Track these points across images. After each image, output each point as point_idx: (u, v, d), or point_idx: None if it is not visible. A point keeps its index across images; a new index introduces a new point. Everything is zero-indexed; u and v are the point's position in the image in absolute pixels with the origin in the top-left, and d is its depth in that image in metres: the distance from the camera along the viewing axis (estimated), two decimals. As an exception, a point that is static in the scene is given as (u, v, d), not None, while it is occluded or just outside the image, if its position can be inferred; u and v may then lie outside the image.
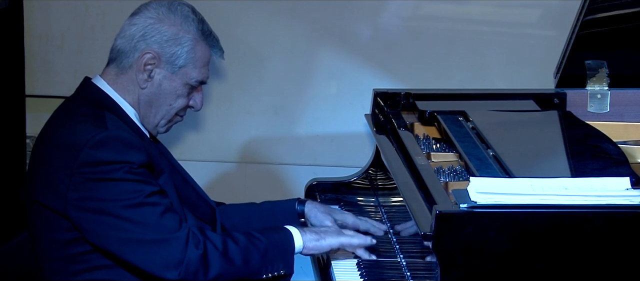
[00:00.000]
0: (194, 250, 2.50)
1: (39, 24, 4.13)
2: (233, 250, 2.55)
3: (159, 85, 2.69)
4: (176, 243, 2.50)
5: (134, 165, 2.53)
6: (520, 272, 2.33)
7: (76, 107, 2.67)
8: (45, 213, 2.59)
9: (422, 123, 3.16)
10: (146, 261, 2.50)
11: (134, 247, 2.50)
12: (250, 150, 4.15)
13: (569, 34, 3.22)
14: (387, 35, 4.03)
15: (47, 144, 2.63)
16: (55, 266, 2.62)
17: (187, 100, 2.74)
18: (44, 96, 4.15)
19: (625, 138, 3.06)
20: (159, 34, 2.66)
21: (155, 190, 2.55)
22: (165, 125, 2.76)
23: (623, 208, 2.36)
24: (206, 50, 2.72)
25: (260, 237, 2.60)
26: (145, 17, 2.68)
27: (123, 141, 2.54)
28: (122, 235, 2.50)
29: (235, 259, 2.55)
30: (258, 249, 2.58)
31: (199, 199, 2.85)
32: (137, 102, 2.70)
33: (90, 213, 2.52)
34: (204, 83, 2.75)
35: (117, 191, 2.50)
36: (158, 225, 2.51)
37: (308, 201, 2.98)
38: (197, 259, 2.50)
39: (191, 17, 2.70)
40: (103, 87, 2.69)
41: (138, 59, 2.66)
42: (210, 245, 2.53)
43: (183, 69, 2.69)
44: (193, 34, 2.69)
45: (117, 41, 2.70)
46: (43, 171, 2.61)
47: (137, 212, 2.50)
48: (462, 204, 2.33)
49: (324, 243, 2.67)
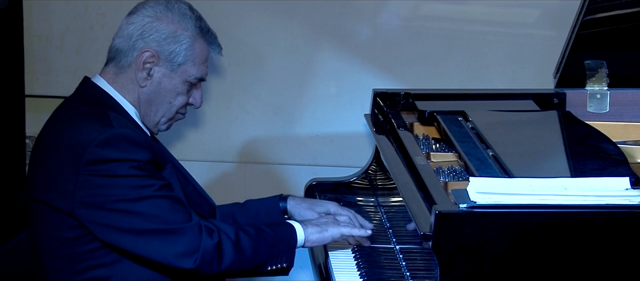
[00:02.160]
0: (209, 239, 2.51)
1: (39, 24, 4.12)
2: (245, 240, 2.57)
3: (158, 83, 2.69)
4: (191, 232, 2.51)
5: (140, 162, 2.54)
6: (519, 272, 2.33)
7: (77, 106, 2.67)
8: (48, 212, 2.59)
9: (421, 123, 3.16)
10: (161, 251, 2.51)
11: (148, 238, 2.50)
12: (249, 150, 4.15)
13: (569, 33, 3.22)
14: (387, 35, 4.03)
15: (49, 144, 2.63)
16: (58, 264, 2.62)
17: (186, 98, 2.74)
18: (43, 96, 4.15)
19: (624, 138, 3.06)
20: (157, 32, 2.66)
21: (164, 183, 2.56)
22: (166, 123, 2.76)
23: (622, 208, 2.36)
24: (204, 47, 2.72)
25: (268, 230, 2.62)
26: (143, 15, 2.68)
27: (129, 139, 2.54)
28: (136, 227, 2.50)
29: (246, 250, 2.56)
30: (267, 241, 2.60)
31: (200, 197, 2.86)
32: (137, 100, 2.70)
33: (100, 210, 2.51)
34: (203, 80, 2.75)
35: (126, 186, 2.51)
36: (170, 215, 2.52)
37: (289, 197, 2.97)
38: (213, 248, 2.51)
39: (189, 15, 2.70)
40: (103, 86, 2.69)
41: (137, 58, 2.66)
42: (224, 235, 2.54)
43: (182, 67, 2.69)
44: (191, 31, 2.69)
45: (116, 40, 2.70)
46: (46, 171, 2.60)
47: (149, 204, 2.51)
48: (461, 204, 2.33)
49: (326, 234, 2.69)
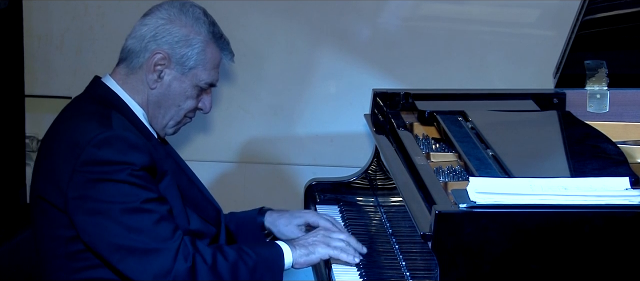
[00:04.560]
0: (183, 263, 2.50)
1: (39, 24, 4.13)
2: (222, 265, 2.55)
3: (168, 86, 2.69)
4: (166, 253, 2.50)
5: (135, 166, 2.52)
6: (519, 272, 2.33)
7: (83, 105, 2.67)
8: (47, 209, 2.60)
9: (421, 123, 3.16)
10: (135, 270, 2.50)
11: (124, 254, 2.50)
12: (249, 150, 4.15)
13: (568, 33, 3.22)
14: (387, 35, 4.03)
15: (52, 141, 2.63)
16: (57, 263, 2.62)
17: (196, 102, 2.74)
18: (43, 96, 4.15)
19: (624, 138, 3.06)
20: (170, 35, 2.66)
21: (153, 197, 2.55)
22: (173, 126, 2.76)
23: (622, 208, 2.36)
24: (216, 53, 2.72)
25: (250, 253, 2.60)
26: (157, 17, 2.68)
27: (126, 141, 2.54)
28: (113, 241, 2.50)
29: (223, 274, 2.55)
30: (247, 265, 2.58)
31: (205, 201, 2.83)
32: (146, 102, 2.70)
33: (85, 213, 2.52)
34: (214, 86, 2.75)
35: (115, 193, 2.50)
36: (151, 232, 2.50)
37: (267, 212, 2.96)
38: (185, 272, 2.50)
39: (202, 19, 2.70)
40: (112, 86, 2.69)
41: (148, 59, 2.66)
42: (199, 258, 2.53)
43: (193, 71, 2.69)
44: (204, 35, 2.69)
45: (128, 41, 2.70)
46: (47, 167, 2.61)
47: (132, 218, 2.50)
48: (461, 204, 2.33)
49: (314, 257, 2.67)
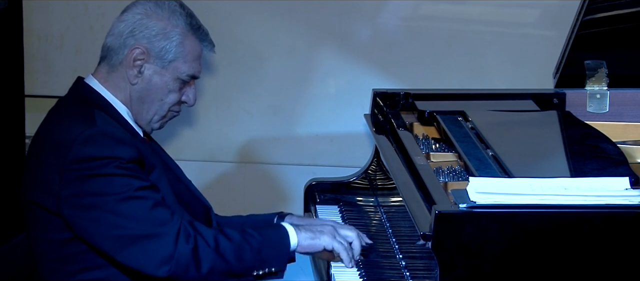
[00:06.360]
0: (184, 245, 2.51)
1: (38, 24, 4.13)
2: (225, 246, 2.55)
3: (149, 80, 2.68)
4: (167, 237, 2.50)
5: (123, 160, 2.53)
6: (519, 272, 2.33)
7: (67, 106, 2.68)
8: (40, 213, 2.59)
9: (421, 123, 3.16)
10: (139, 258, 2.50)
11: (126, 243, 2.50)
12: (249, 150, 4.15)
13: (568, 33, 3.22)
14: (387, 35, 4.03)
15: (39, 145, 2.64)
16: (52, 266, 2.62)
17: (179, 95, 2.73)
18: (43, 96, 4.15)
19: (624, 138, 3.06)
20: (147, 29, 2.66)
21: (146, 184, 2.55)
22: (158, 121, 2.75)
23: (622, 208, 2.36)
24: (196, 44, 2.72)
25: (255, 234, 2.60)
26: (134, 13, 2.68)
27: (112, 136, 2.55)
28: (114, 232, 2.50)
29: (227, 255, 2.55)
30: (252, 246, 2.58)
31: (193, 198, 2.83)
32: (129, 99, 2.70)
33: (81, 210, 2.52)
34: (196, 77, 2.75)
35: (107, 186, 2.51)
36: (148, 218, 2.51)
37: (287, 216, 2.94)
38: (188, 253, 2.50)
39: (179, 11, 2.70)
40: (95, 86, 2.69)
41: (127, 55, 2.66)
42: (201, 240, 2.53)
43: (173, 63, 2.68)
44: (181, 27, 2.68)
45: (107, 39, 2.71)
46: (36, 171, 2.61)
47: (127, 206, 2.50)
48: (461, 204, 2.33)
49: (319, 242, 2.65)
